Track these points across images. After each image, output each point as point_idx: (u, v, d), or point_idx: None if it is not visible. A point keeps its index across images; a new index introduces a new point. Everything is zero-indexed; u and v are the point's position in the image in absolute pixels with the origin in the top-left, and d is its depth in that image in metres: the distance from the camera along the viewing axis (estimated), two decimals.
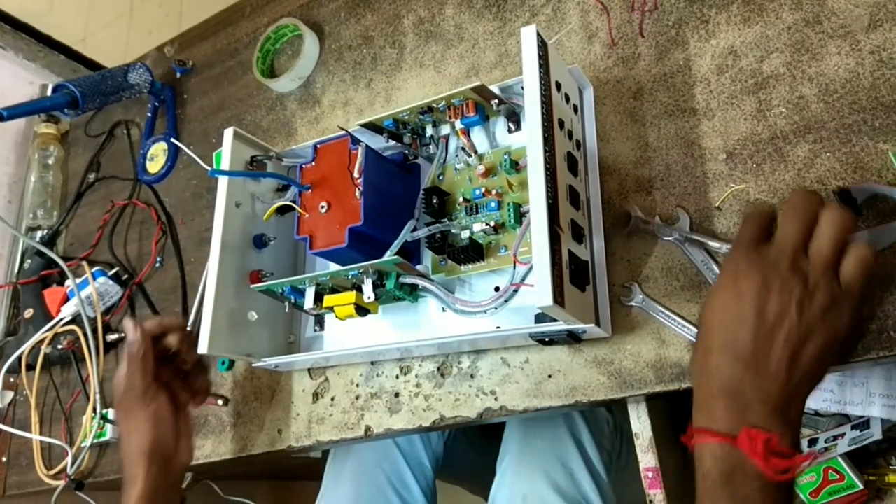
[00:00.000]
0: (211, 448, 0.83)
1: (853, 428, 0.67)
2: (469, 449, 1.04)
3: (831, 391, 0.68)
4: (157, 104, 1.08)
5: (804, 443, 0.70)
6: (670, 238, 0.61)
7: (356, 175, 0.67)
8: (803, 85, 0.59)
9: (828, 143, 0.57)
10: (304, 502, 0.94)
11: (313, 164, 0.72)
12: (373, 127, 0.70)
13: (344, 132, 0.69)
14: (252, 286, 0.71)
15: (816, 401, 0.69)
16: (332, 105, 0.90)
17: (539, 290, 0.51)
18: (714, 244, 0.58)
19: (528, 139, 0.56)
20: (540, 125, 0.55)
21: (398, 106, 0.66)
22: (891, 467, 0.67)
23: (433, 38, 0.83)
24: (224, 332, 0.70)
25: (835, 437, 0.67)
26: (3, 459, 1.04)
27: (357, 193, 0.67)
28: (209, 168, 0.71)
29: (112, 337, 0.96)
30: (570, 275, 0.55)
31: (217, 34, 1.07)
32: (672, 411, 0.68)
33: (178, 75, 1.08)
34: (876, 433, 0.65)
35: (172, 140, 1.02)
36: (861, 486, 0.65)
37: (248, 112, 0.98)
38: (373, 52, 0.88)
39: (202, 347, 0.68)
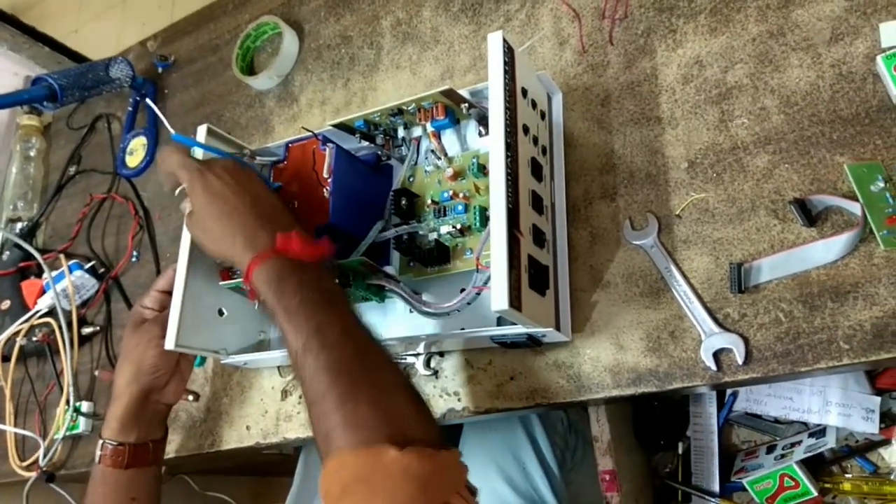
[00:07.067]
0: (180, 443, 0.84)
1: (810, 436, 0.68)
2: None
3: (791, 398, 0.69)
4: (137, 98, 1.08)
5: (762, 449, 0.71)
6: (638, 243, 0.62)
7: (325, 175, 0.67)
8: (765, 96, 0.60)
9: (787, 155, 0.58)
10: (282, 498, 0.95)
11: (285, 163, 0.72)
12: (345, 128, 0.70)
13: (311, 133, 0.70)
14: (222, 283, 0.71)
15: (776, 408, 0.70)
16: (310, 104, 0.90)
17: (495, 293, 0.52)
18: None
19: (491, 143, 0.56)
20: (503, 130, 0.56)
21: (374, 106, 0.67)
22: (846, 475, 0.68)
23: (410, 40, 0.84)
24: (193, 327, 0.70)
25: (792, 445, 0.68)
26: None
27: (325, 193, 0.67)
28: (173, 131, 0.70)
29: (87, 330, 0.97)
30: (529, 279, 0.56)
31: (199, 29, 1.07)
32: (635, 416, 0.69)
33: (160, 70, 1.08)
34: (830, 441, 0.65)
35: (147, 100, 1.02)
36: (815, 493, 0.66)
37: (227, 109, 0.98)
38: (351, 52, 0.89)
39: (169, 342, 0.68)
